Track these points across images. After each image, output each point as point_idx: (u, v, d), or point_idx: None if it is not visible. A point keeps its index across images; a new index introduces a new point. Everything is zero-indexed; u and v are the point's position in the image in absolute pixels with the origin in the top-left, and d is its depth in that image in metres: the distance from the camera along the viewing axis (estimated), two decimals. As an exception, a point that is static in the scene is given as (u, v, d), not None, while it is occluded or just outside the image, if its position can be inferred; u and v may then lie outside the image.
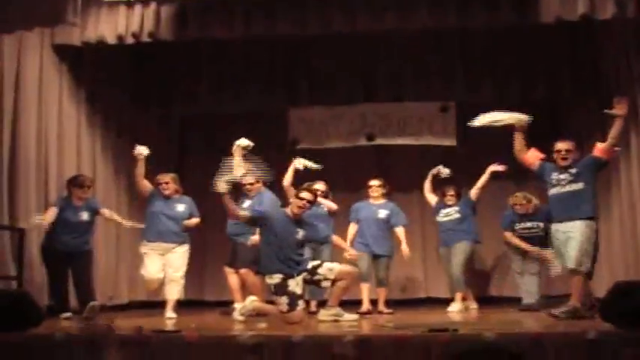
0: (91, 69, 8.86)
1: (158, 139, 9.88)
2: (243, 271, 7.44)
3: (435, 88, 9.31)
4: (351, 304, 7.46)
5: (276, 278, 6.21)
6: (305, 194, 6.40)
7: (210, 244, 9.82)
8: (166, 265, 7.52)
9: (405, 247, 8.12)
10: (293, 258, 6.23)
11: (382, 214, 8.29)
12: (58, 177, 8.13)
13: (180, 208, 7.72)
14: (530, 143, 6.51)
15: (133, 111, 9.72)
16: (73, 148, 8.51)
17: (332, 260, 7.29)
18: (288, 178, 7.67)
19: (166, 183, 7.71)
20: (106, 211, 7.44)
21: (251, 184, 7.64)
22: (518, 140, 6.23)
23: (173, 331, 5.34)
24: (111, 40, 8.01)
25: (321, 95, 9.53)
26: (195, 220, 7.77)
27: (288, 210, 6.45)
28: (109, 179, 9.14)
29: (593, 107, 8.44)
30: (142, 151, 7.37)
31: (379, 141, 9.84)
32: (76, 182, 7.31)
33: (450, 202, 8.39)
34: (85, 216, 7.28)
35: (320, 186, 7.91)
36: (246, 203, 7.64)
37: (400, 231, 8.26)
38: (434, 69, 9.30)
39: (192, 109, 9.85)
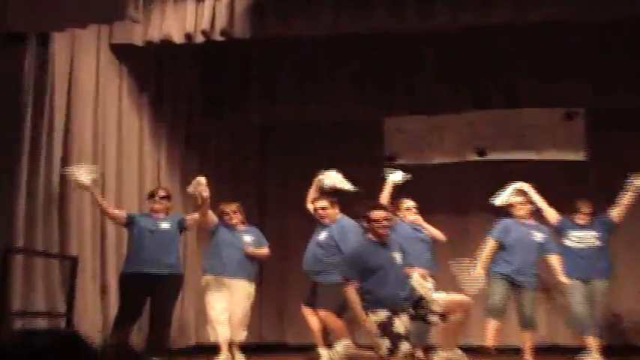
0: (155, 72, 8.82)
1: (232, 152, 10.03)
2: (322, 313, 7.22)
3: (559, 92, 8.94)
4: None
5: (381, 315, 5.92)
6: (378, 213, 6.11)
7: (291, 278, 9.64)
8: (231, 302, 7.49)
9: (564, 279, 7.61)
10: (397, 290, 5.98)
11: (539, 237, 7.73)
12: (116, 195, 8.03)
13: (248, 238, 7.73)
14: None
15: (204, 119, 9.65)
16: (135, 161, 8.40)
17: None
18: (385, 197, 7.48)
19: (233, 212, 7.72)
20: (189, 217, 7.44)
21: (324, 208, 7.39)
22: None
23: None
24: (178, 39, 7.88)
25: (421, 102, 9.31)
26: (264, 250, 7.75)
27: (370, 236, 6.17)
28: (176, 197, 8.72)
29: None
30: (202, 180, 7.15)
31: (492, 156, 9.45)
32: (149, 194, 7.34)
33: (583, 222, 7.77)
34: (165, 224, 7.19)
35: (410, 203, 7.75)
36: (323, 234, 7.41)
37: (556, 260, 7.70)
38: (556, 68, 8.91)
39: (273, 117, 9.75)
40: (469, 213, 9.33)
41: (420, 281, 6.08)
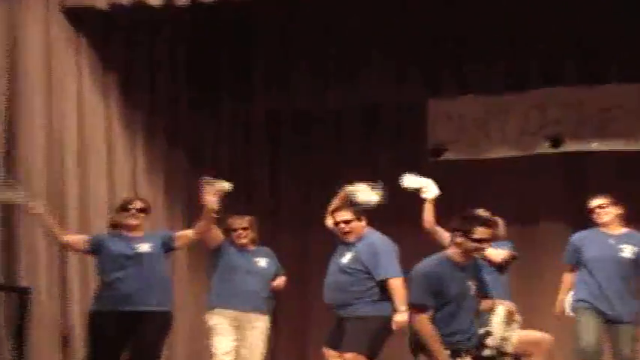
0: (125, 46, 8.27)
1: (232, 151, 9.35)
2: (349, 356, 6.66)
3: None
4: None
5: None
6: (484, 231, 5.63)
7: (314, 312, 9.05)
8: (241, 344, 7.09)
9: None
10: (465, 326, 5.67)
11: (627, 252, 6.94)
12: (79, 209, 7.54)
13: (263, 263, 7.25)
14: None
15: (193, 110, 8.99)
16: (102, 163, 7.85)
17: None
18: (429, 215, 7.01)
19: (244, 229, 7.20)
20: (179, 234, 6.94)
21: (347, 222, 6.86)
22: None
23: None
24: (154, 0, 7.42)
25: (474, 79, 8.69)
26: (283, 280, 7.36)
27: (451, 254, 5.72)
28: (158, 206, 8.23)
29: None
30: (225, 186, 6.76)
31: (569, 146, 8.56)
32: (120, 207, 6.81)
33: None
34: (145, 246, 6.63)
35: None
36: (347, 256, 6.87)
37: None
38: None
39: (285, 105, 9.27)
40: (539, 222, 8.63)
41: (503, 319, 5.91)
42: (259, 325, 7.19)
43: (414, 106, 9.07)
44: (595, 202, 6.97)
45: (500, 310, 5.82)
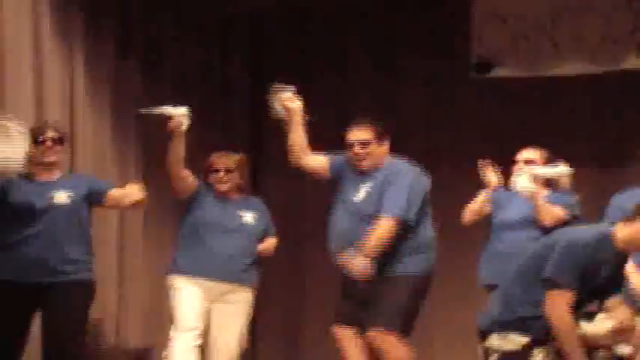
0: None
1: (202, 60, 8.03)
2: (375, 333, 5.67)
3: None
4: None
5: (513, 341, 4.82)
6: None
7: (312, 284, 8.18)
8: (215, 321, 6.23)
9: None
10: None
11: None
12: None
13: (249, 218, 6.36)
14: None
15: (152, 7, 7.52)
16: (26, 74, 6.58)
17: None
18: (473, 207, 6.38)
19: (227, 171, 6.30)
20: (115, 193, 5.99)
21: (364, 143, 5.94)
22: None
23: None
24: None
25: None
26: (272, 242, 6.46)
27: (620, 236, 4.99)
28: (105, 145, 6.96)
29: None
30: (182, 118, 6.03)
31: None
32: (30, 135, 5.82)
33: None
34: (63, 197, 5.75)
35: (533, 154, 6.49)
36: (364, 189, 5.90)
37: None
38: None
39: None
40: (624, 165, 7.38)
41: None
42: (239, 300, 6.25)
43: (450, 6, 7.91)
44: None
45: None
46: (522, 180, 6.00)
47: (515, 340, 4.72)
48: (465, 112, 7.51)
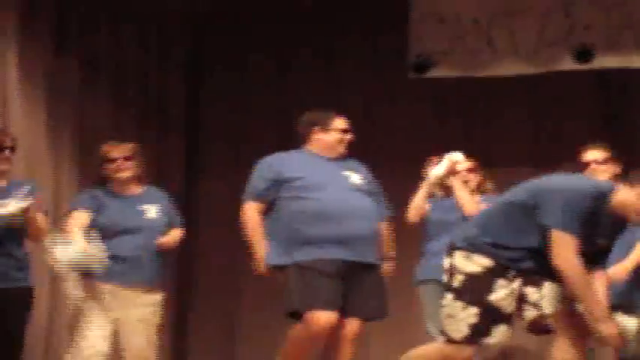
0: None
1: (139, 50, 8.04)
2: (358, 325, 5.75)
3: None
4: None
5: (476, 262, 4.78)
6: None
7: (247, 281, 7.77)
8: (125, 327, 6.05)
9: None
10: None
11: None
12: None
13: (151, 212, 6.16)
14: None
15: (85, 17, 7.49)
16: None
17: None
18: (418, 203, 6.47)
19: (125, 159, 6.09)
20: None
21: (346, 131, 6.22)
22: None
23: None
24: None
25: None
26: (177, 234, 6.24)
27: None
28: (39, 145, 6.94)
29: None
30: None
31: (603, 61, 7.34)
32: None
33: None
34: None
35: (459, 156, 6.61)
36: (355, 175, 5.99)
37: None
38: None
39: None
40: (561, 164, 7.15)
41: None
42: (150, 302, 6.08)
43: (391, 4, 7.88)
44: (589, 156, 6.20)
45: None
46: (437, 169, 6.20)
47: (478, 261, 4.73)
48: (404, 112, 7.51)
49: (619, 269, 5.94)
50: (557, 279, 4.76)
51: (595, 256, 4.92)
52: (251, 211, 5.64)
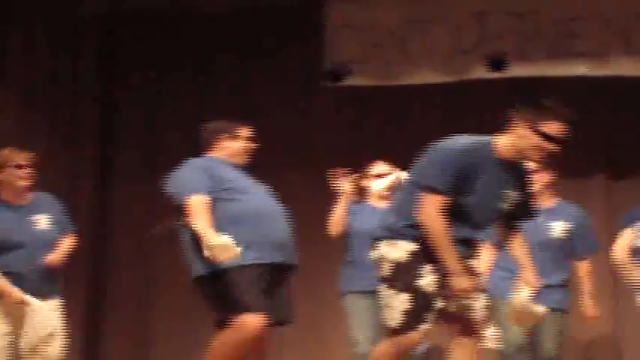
0: None
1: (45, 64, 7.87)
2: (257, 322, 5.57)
3: None
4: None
5: (401, 248, 4.79)
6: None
7: (162, 283, 7.92)
8: (26, 340, 6.08)
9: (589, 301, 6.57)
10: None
11: (558, 228, 6.49)
12: None
13: (42, 223, 6.20)
14: None
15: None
16: None
17: None
18: (338, 216, 6.47)
19: (32, 166, 6.16)
20: None
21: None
22: None
23: None
24: None
25: None
26: (68, 244, 6.24)
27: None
28: None
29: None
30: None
31: (515, 70, 7.48)
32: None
33: None
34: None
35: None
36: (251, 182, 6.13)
37: (585, 266, 6.55)
38: None
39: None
40: None
41: None
42: (49, 314, 6.10)
43: (302, 11, 7.90)
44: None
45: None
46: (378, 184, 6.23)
47: (403, 247, 4.75)
48: (320, 121, 7.51)
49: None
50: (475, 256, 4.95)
51: (509, 221, 4.95)
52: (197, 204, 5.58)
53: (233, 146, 5.75)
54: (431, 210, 4.67)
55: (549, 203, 6.37)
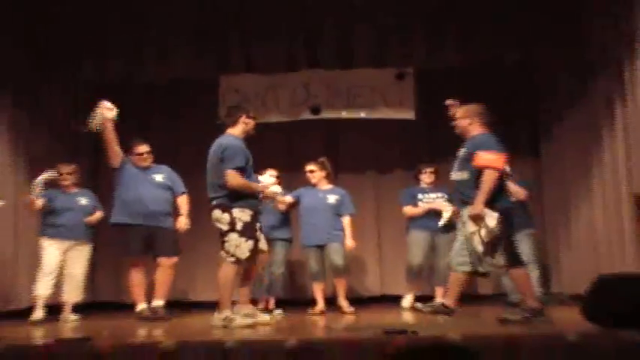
0: None
1: (63, 113, 9.60)
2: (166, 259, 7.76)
3: (391, 52, 9.03)
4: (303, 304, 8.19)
5: (246, 213, 6.28)
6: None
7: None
8: (69, 264, 8.05)
9: (349, 240, 8.34)
10: None
11: (331, 199, 8.43)
12: None
13: (84, 201, 8.31)
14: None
15: (31, 72, 8.95)
16: None
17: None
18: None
19: (68, 174, 8.20)
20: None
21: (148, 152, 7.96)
22: None
23: (81, 338, 5.19)
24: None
25: (257, 60, 9.13)
26: (99, 214, 8.30)
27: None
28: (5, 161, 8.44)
29: (574, 69, 8.68)
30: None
31: (325, 114, 9.72)
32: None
33: (430, 184, 8.70)
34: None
35: (272, 173, 8.12)
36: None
37: (347, 221, 8.40)
38: (389, 29, 8.98)
39: (104, 74, 9.15)
40: (301, 172, 9.18)
41: None
42: (83, 250, 8.18)
43: (209, 81, 9.71)
44: (308, 167, 8.38)
45: None
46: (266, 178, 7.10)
47: (247, 212, 6.29)
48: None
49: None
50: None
51: None
52: None
53: (136, 157, 7.66)
54: (236, 177, 6.10)
55: (327, 186, 8.30)
